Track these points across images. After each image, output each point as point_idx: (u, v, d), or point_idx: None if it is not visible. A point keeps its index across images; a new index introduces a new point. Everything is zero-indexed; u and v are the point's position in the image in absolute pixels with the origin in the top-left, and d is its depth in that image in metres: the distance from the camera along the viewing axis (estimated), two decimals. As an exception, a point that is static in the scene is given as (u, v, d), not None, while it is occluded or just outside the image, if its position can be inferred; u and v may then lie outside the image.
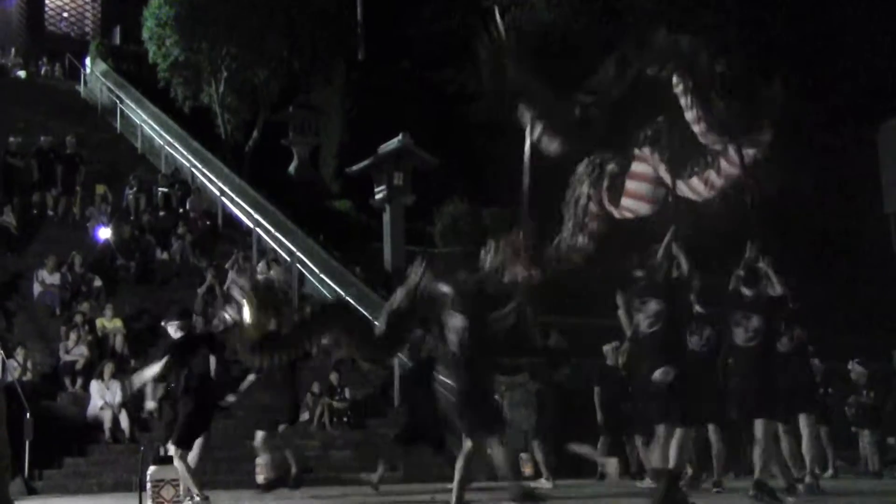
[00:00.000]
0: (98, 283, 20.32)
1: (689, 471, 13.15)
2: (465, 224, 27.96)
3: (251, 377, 14.83)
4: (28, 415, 14.38)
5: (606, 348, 15.38)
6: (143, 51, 29.96)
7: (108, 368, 16.72)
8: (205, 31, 27.91)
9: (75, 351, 17.50)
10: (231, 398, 15.91)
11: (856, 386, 18.11)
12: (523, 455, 16.75)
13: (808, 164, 30.53)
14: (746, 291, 11.03)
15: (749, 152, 8.19)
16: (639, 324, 9.94)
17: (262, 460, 13.54)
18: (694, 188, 8.56)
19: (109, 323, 18.66)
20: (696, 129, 8.16)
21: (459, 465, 9.32)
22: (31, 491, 14.29)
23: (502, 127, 32.51)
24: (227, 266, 21.80)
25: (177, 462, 11.00)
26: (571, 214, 9.29)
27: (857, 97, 31.12)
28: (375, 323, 10.12)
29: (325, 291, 22.36)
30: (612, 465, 15.55)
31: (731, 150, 8.21)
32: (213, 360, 12.03)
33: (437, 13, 33.69)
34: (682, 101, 8.25)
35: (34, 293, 19.90)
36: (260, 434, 13.37)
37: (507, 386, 17.32)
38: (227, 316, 11.62)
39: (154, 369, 11.97)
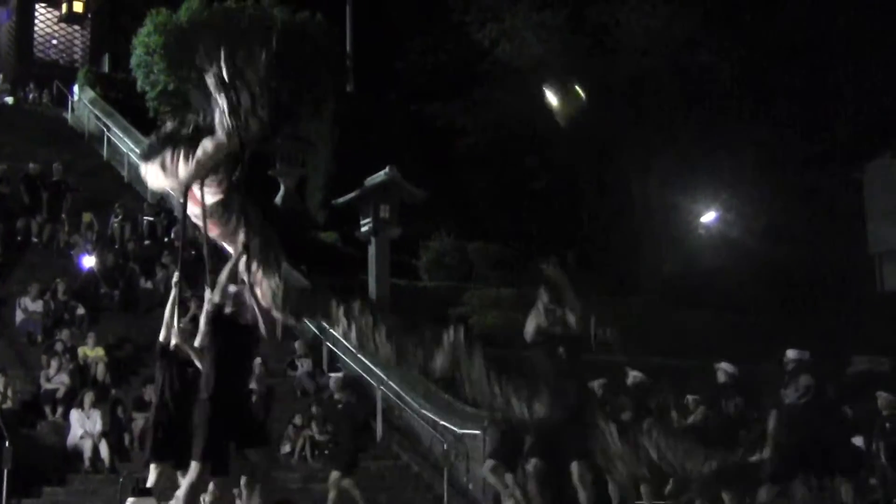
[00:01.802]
0: (81, 310, 20.24)
1: None
2: (451, 258, 27.98)
3: None
4: (7, 443, 14.28)
5: (594, 384, 15.27)
6: (132, 79, 29.93)
7: (89, 397, 16.62)
8: (193, 60, 27.90)
9: (56, 379, 17.39)
10: None
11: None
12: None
13: (794, 202, 30.70)
14: None
15: None
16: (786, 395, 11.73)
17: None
18: None
19: (91, 351, 18.55)
20: None
21: None
22: (9, 520, 14.17)
23: (489, 162, 32.65)
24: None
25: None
26: None
27: (843, 137, 31.27)
28: None
29: (308, 323, 22.29)
30: None
31: None
32: None
33: (428, 48, 33.82)
34: None
35: (16, 320, 19.81)
36: None
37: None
38: None
39: None
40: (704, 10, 30.70)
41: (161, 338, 11.38)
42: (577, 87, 29.31)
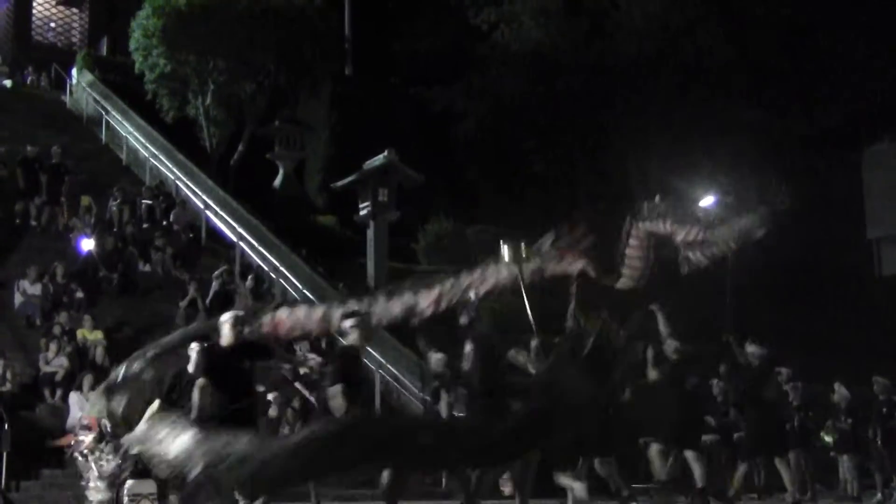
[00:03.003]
0: (80, 294, 20.24)
1: None
2: (449, 242, 27.98)
3: None
4: (6, 426, 14.30)
5: None
6: (130, 62, 29.91)
7: (88, 380, 16.60)
8: (192, 43, 27.90)
9: (55, 362, 17.39)
10: None
11: (836, 410, 18.15)
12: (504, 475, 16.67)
13: (792, 186, 30.66)
14: None
15: None
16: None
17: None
18: None
19: (90, 334, 18.54)
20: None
21: None
22: (8, 503, 14.18)
23: (487, 146, 32.57)
24: (213, 276, 21.60)
25: None
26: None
27: (841, 121, 31.25)
28: None
29: (307, 307, 22.29)
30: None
31: None
32: None
33: (426, 31, 33.79)
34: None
35: (15, 303, 19.81)
36: None
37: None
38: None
39: None
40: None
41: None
42: None
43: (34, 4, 44.03)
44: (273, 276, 22.92)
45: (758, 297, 27.62)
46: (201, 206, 25.49)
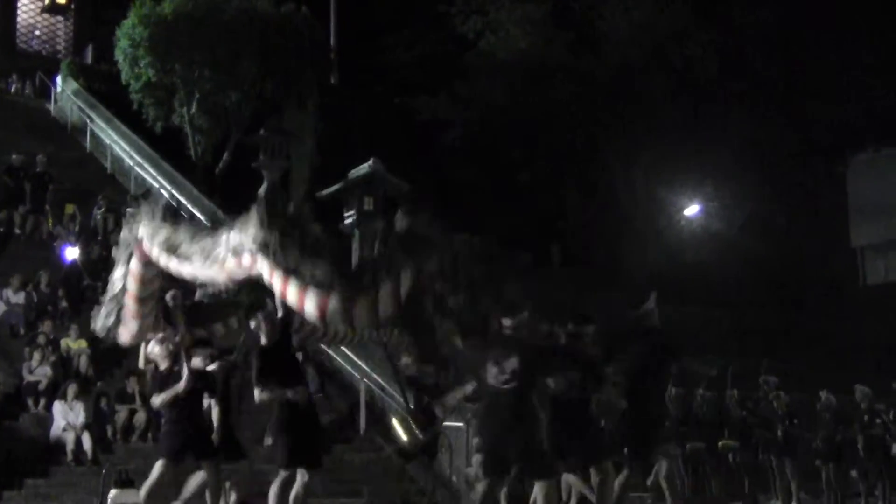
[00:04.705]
0: (64, 303, 20.17)
1: None
2: (435, 250, 27.93)
3: None
4: (-11, 435, 14.26)
5: None
6: (116, 70, 29.81)
7: (72, 389, 16.56)
8: (178, 52, 27.84)
9: (39, 371, 17.33)
10: None
11: (820, 419, 18.18)
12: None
13: (777, 196, 30.78)
14: None
15: None
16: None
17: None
18: None
19: (74, 343, 18.48)
20: None
21: None
22: (-9, 512, 14.15)
23: (473, 155, 32.62)
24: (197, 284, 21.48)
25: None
26: None
27: (826, 131, 31.36)
28: None
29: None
30: None
31: None
32: None
33: (412, 40, 33.81)
34: None
35: (-2, 312, 19.75)
36: None
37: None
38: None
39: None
40: (689, 2, 30.78)
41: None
42: None
43: (18, 12, 43.82)
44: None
45: (743, 305, 27.71)
46: (186, 215, 25.42)
